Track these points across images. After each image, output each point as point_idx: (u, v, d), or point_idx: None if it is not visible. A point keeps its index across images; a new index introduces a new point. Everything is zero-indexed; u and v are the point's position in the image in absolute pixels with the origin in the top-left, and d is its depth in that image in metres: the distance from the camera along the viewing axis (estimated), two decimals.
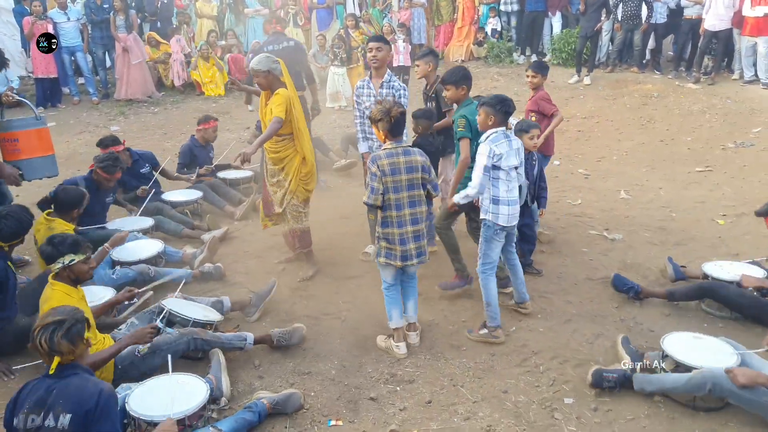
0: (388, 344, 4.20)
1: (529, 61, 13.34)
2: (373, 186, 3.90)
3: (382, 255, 4.07)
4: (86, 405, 2.64)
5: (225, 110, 11.41)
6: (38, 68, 11.13)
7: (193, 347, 3.92)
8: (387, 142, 3.99)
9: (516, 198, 4.25)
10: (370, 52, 5.29)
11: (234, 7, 13.35)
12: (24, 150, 5.20)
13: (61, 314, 2.78)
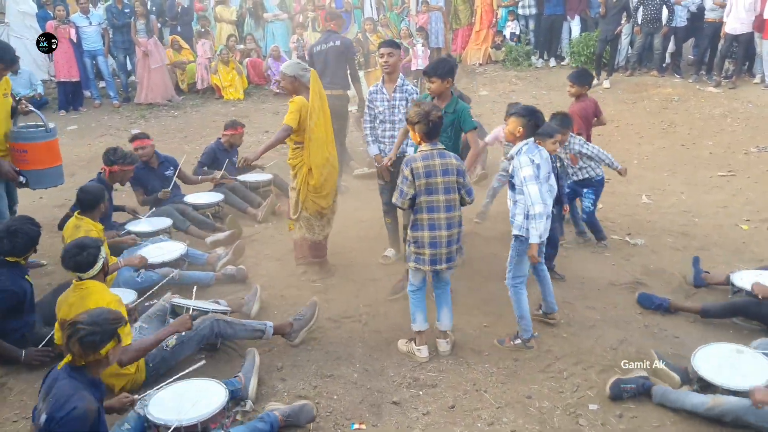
0: (410, 348, 4.19)
1: (547, 64, 13.33)
2: (403, 189, 3.90)
3: (411, 260, 4.05)
4: (55, 413, 2.64)
5: (244, 114, 11.47)
6: (60, 72, 11.28)
7: (217, 330, 3.97)
8: (423, 144, 3.97)
9: (549, 211, 4.16)
10: (382, 58, 5.26)
11: (253, 12, 13.44)
12: (32, 161, 5.25)
13: (94, 319, 2.77)
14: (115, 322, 2.83)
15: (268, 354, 4.20)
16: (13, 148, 5.18)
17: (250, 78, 12.86)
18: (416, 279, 4.14)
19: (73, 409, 2.62)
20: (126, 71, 12.25)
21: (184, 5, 12.81)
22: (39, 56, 12.55)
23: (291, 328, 4.30)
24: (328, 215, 5.31)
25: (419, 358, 4.11)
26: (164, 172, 6.57)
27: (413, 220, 3.98)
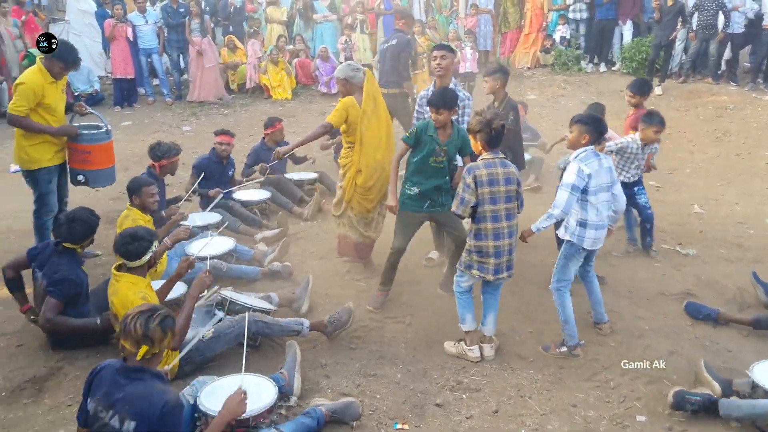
0: (460, 349, 4.19)
1: (597, 69, 13.10)
2: (464, 197, 3.89)
3: (474, 268, 4.02)
4: (151, 416, 2.62)
5: (291, 113, 11.61)
6: (117, 69, 11.62)
7: (254, 330, 4.03)
8: (484, 153, 3.96)
9: (604, 222, 4.15)
10: (434, 61, 5.10)
11: (303, 13, 13.59)
12: (93, 162, 5.43)
13: (153, 305, 2.84)
14: (167, 309, 2.88)
15: (311, 350, 4.26)
16: (76, 149, 5.35)
17: (298, 78, 13.01)
18: (467, 282, 4.14)
19: (164, 404, 2.64)
20: (179, 69, 12.53)
21: (236, 5, 13.04)
22: (96, 53, 12.97)
23: (325, 329, 4.33)
24: (376, 219, 5.33)
25: (471, 358, 4.12)
26: (228, 171, 6.76)
27: (476, 230, 3.97)
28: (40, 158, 5.24)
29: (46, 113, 5.17)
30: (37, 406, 3.70)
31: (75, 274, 4.16)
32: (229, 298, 4.23)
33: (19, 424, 3.54)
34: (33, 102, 5.05)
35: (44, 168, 5.29)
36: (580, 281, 4.47)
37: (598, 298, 4.44)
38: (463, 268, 4.11)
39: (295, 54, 13.10)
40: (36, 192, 5.39)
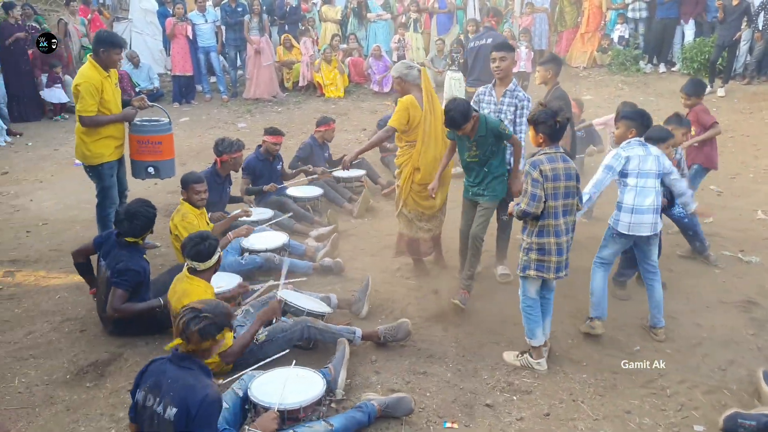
0: (525, 362, 4.05)
1: (656, 70, 12.76)
2: (536, 193, 3.73)
3: (532, 268, 3.89)
4: (190, 406, 2.68)
5: (343, 112, 11.72)
6: (176, 66, 11.96)
7: (306, 335, 4.07)
8: (545, 146, 3.84)
9: (647, 207, 4.15)
10: (494, 62, 5.02)
11: (357, 12, 13.68)
12: (164, 152, 5.64)
13: (210, 308, 2.88)
14: (228, 317, 2.95)
15: (362, 345, 4.28)
16: (148, 141, 5.53)
17: (351, 77, 13.12)
18: (533, 290, 4.00)
19: (204, 396, 2.69)
20: (236, 67, 12.80)
21: (292, 5, 13.22)
22: (157, 51, 13.38)
23: (378, 341, 4.28)
24: (437, 217, 5.30)
25: (540, 371, 4.00)
26: (276, 166, 6.89)
27: (540, 227, 3.83)
28: (102, 153, 5.43)
29: (104, 108, 5.35)
30: (98, 390, 3.85)
31: (137, 264, 4.31)
32: (285, 300, 4.26)
33: (83, 406, 3.69)
34: (96, 98, 5.23)
35: (106, 163, 5.48)
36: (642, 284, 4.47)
37: (657, 302, 4.36)
38: (519, 271, 3.98)
39: (349, 53, 13.20)
40: (99, 186, 5.59)
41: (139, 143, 5.54)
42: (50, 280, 5.35)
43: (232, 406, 3.36)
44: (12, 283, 5.30)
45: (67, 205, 7.23)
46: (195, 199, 5.04)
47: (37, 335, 4.47)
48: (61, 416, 3.60)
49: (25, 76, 10.82)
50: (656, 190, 4.18)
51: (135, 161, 5.64)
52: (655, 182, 4.17)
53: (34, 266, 5.63)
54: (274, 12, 13.28)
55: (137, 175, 5.70)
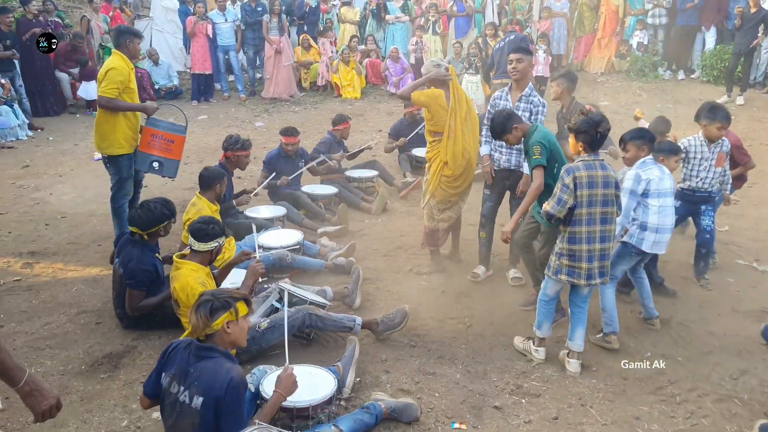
0: (527, 346, 4.20)
1: (675, 77, 12.68)
2: (562, 198, 3.77)
3: (563, 272, 3.94)
4: (216, 392, 2.70)
5: (360, 113, 11.77)
6: (196, 65, 12.07)
7: (308, 323, 4.12)
8: (584, 153, 3.86)
9: (669, 226, 4.25)
10: (510, 64, 5.06)
11: (376, 13, 13.73)
12: (173, 151, 5.73)
13: (210, 292, 2.97)
14: (234, 296, 2.94)
15: (372, 344, 4.32)
16: (163, 136, 5.63)
17: (368, 78, 13.17)
18: (553, 290, 4.09)
19: (230, 380, 2.72)
20: (254, 67, 12.89)
21: (312, 5, 13.30)
22: (177, 49, 13.50)
23: (377, 328, 4.36)
24: (455, 204, 5.38)
25: (535, 358, 4.12)
26: (298, 163, 6.95)
27: (570, 233, 3.86)
28: (122, 144, 5.53)
29: (128, 97, 5.50)
30: (112, 381, 3.91)
31: (148, 262, 4.38)
32: (287, 290, 4.32)
33: (97, 396, 3.76)
34: (122, 85, 5.38)
35: (126, 154, 5.58)
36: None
37: (647, 293, 4.54)
38: (551, 273, 4.02)
39: (366, 54, 13.26)
40: (116, 177, 5.68)
41: (152, 136, 5.62)
42: (67, 273, 5.44)
43: (247, 400, 3.39)
44: (30, 275, 5.40)
45: (85, 199, 7.34)
46: (218, 194, 5.25)
47: (53, 326, 4.55)
48: (76, 406, 3.67)
49: (43, 71, 10.94)
50: (674, 208, 4.30)
51: (142, 153, 5.66)
52: (672, 201, 4.31)
53: (52, 258, 5.73)
54: (293, 12, 13.37)
55: (141, 166, 5.72)
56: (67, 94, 11.42)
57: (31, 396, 2.19)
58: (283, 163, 6.82)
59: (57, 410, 2.26)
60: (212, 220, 4.04)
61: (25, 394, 2.19)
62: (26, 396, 2.19)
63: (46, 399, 2.21)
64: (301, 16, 13.35)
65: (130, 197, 5.79)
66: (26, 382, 2.17)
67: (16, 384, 2.16)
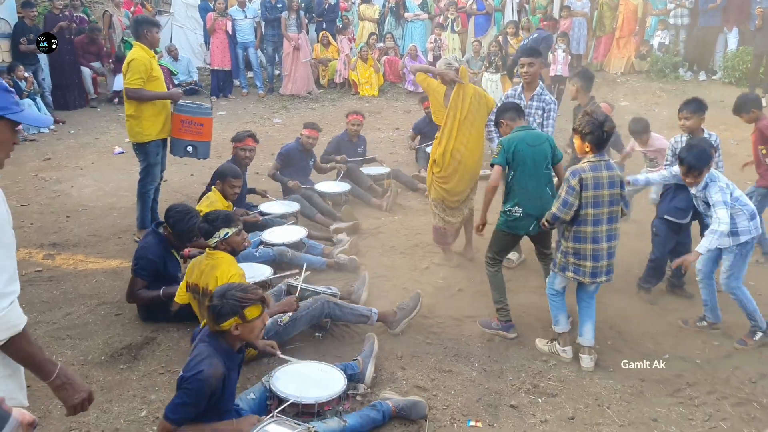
0: (552, 348, 4.19)
1: (696, 78, 12.55)
2: (568, 200, 3.80)
3: (569, 270, 3.99)
4: (185, 373, 2.86)
5: (377, 110, 11.78)
6: (215, 61, 12.15)
7: (327, 311, 4.17)
8: (590, 155, 3.87)
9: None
10: (522, 68, 5.23)
11: (395, 11, 13.73)
12: (204, 134, 5.94)
13: (223, 292, 2.96)
14: (243, 301, 2.94)
15: (389, 341, 4.33)
16: (191, 121, 5.79)
17: (386, 76, 13.18)
18: (559, 285, 4.13)
19: (199, 372, 2.82)
20: (273, 63, 12.95)
21: (331, 2, 13.33)
22: (197, 45, 13.61)
23: (394, 317, 4.41)
24: (455, 207, 5.40)
25: (564, 358, 4.12)
26: (309, 161, 6.98)
27: (575, 232, 3.89)
28: (150, 132, 5.69)
29: (154, 85, 5.64)
30: (131, 372, 3.96)
31: (157, 255, 4.43)
32: (301, 286, 4.36)
33: (116, 387, 3.80)
34: (145, 74, 5.53)
35: (153, 141, 5.74)
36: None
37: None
38: (557, 269, 4.08)
39: (385, 52, 13.26)
40: (144, 163, 5.85)
41: (182, 123, 5.79)
42: (88, 264, 5.51)
43: (258, 397, 3.45)
44: (52, 266, 5.47)
45: (105, 192, 7.42)
46: (229, 192, 5.19)
47: (74, 317, 4.61)
48: (96, 396, 3.65)
49: (68, 65, 11.09)
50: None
51: (175, 139, 5.89)
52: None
53: (73, 250, 5.81)
54: (312, 9, 13.41)
55: (176, 152, 5.95)
56: (89, 88, 11.54)
57: (63, 389, 2.19)
58: (297, 157, 6.86)
59: (89, 403, 2.26)
60: (215, 217, 3.99)
61: (56, 388, 2.19)
62: (58, 389, 2.18)
63: (77, 392, 2.21)
64: (320, 13, 13.39)
65: (157, 183, 5.97)
66: (57, 375, 2.17)
67: (47, 378, 2.16)
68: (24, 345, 2.08)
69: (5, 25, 10.32)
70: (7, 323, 1.99)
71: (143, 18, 5.92)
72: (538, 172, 4.30)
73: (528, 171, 4.30)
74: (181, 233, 4.46)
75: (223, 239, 3.95)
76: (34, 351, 2.11)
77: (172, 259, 4.58)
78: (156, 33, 5.73)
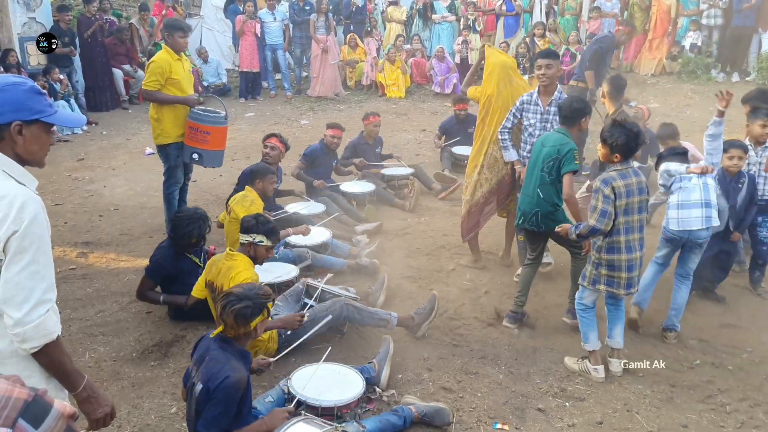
0: (583, 366, 4.04)
1: (729, 79, 12.32)
2: (606, 209, 3.71)
3: (602, 282, 3.90)
4: (210, 384, 2.77)
5: (403, 112, 11.79)
6: (244, 63, 12.27)
7: (346, 314, 4.15)
8: (619, 163, 3.81)
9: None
10: (539, 70, 4.94)
11: (423, 13, 13.73)
12: (211, 143, 5.81)
13: (247, 293, 2.96)
14: (266, 298, 3.01)
15: (414, 343, 4.33)
16: (198, 129, 5.75)
17: (413, 77, 13.18)
18: (589, 300, 4.03)
19: (225, 378, 2.76)
20: (301, 65, 13.04)
21: (359, 5, 13.38)
22: (226, 47, 13.77)
23: (413, 322, 4.38)
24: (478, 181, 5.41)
25: (596, 378, 3.96)
26: (332, 161, 7.03)
27: (609, 243, 3.82)
28: (169, 134, 5.76)
29: (174, 88, 5.69)
30: (162, 368, 4.03)
31: (165, 257, 4.55)
32: (320, 287, 4.37)
33: (147, 383, 3.87)
34: (162, 77, 5.59)
35: (173, 143, 5.80)
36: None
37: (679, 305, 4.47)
38: (587, 283, 3.97)
39: (412, 53, 13.27)
40: (166, 165, 5.95)
41: (191, 129, 5.75)
42: (120, 263, 5.62)
43: (276, 400, 3.46)
44: (85, 264, 5.59)
45: (137, 192, 7.55)
46: (269, 189, 5.33)
47: (106, 314, 4.71)
48: (127, 391, 3.79)
49: (100, 67, 11.30)
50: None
51: (185, 145, 5.82)
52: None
53: (105, 248, 5.92)
54: (340, 11, 13.47)
55: (184, 158, 5.89)
56: (120, 90, 11.74)
57: (88, 402, 2.17)
58: (322, 157, 6.92)
59: (111, 419, 2.24)
60: (265, 221, 4.06)
61: (81, 400, 2.17)
62: (83, 402, 2.16)
63: (101, 406, 2.19)
64: (348, 15, 13.45)
65: (180, 185, 6.05)
66: (84, 387, 2.15)
67: (74, 389, 2.15)
68: (56, 354, 2.07)
69: (41, 29, 10.55)
70: (43, 330, 1.99)
71: (169, 22, 5.99)
72: (533, 171, 4.43)
73: (529, 167, 4.51)
74: (176, 238, 4.55)
75: (254, 243, 3.99)
76: (65, 360, 2.10)
77: (188, 263, 4.63)
78: (179, 37, 5.72)
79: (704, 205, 4.25)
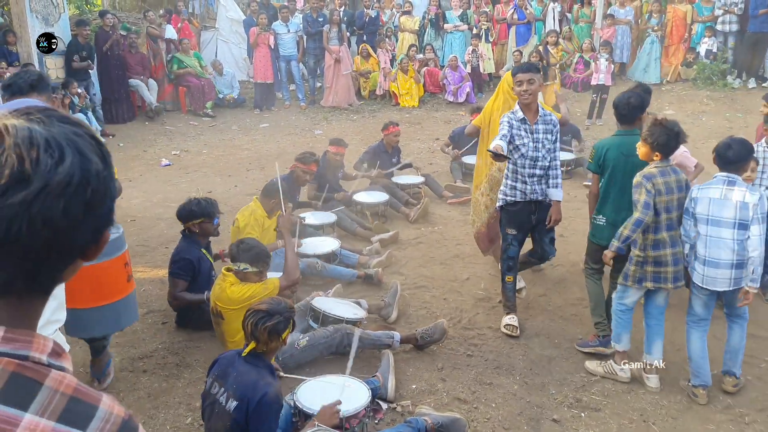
0: (609, 368, 4.03)
1: (745, 85, 12.23)
2: (649, 202, 3.73)
3: (648, 280, 3.87)
4: (249, 402, 2.77)
5: (417, 121, 11.83)
6: (258, 74, 12.38)
7: (346, 342, 4.09)
8: (657, 160, 3.83)
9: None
10: (520, 86, 4.41)
11: (435, 22, 13.78)
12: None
13: (275, 308, 2.97)
14: (291, 311, 3.04)
15: (428, 353, 4.33)
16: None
17: (426, 86, 13.22)
18: (632, 299, 4.01)
19: (264, 394, 2.77)
20: (315, 76, 13.13)
21: (372, 15, 13.46)
22: (241, 59, 13.91)
23: (416, 343, 4.33)
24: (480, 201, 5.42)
25: (623, 378, 3.97)
26: (338, 175, 7.07)
27: (653, 240, 3.82)
28: None
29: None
30: (177, 380, 4.05)
31: (190, 253, 4.56)
32: (322, 312, 4.32)
33: (163, 394, 3.90)
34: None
35: None
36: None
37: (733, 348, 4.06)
38: (631, 282, 3.93)
39: (425, 63, 13.31)
40: None
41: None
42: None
43: (284, 415, 3.40)
44: None
45: (153, 203, 7.62)
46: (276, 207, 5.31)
47: None
48: (143, 402, 3.82)
49: (116, 80, 11.44)
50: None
51: None
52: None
53: None
54: (353, 22, 13.56)
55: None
56: (147, 99, 11.78)
57: None
58: (328, 174, 6.88)
59: None
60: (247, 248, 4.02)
61: None
62: None
63: None
64: (361, 26, 13.53)
65: None
66: None
67: None
68: None
69: (60, 44, 10.72)
70: None
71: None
72: (625, 185, 4.06)
73: (617, 181, 4.19)
74: (179, 216, 4.68)
75: (240, 271, 3.98)
76: None
77: (205, 259, 4.69)
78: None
79: (735, 266, 3.70)
